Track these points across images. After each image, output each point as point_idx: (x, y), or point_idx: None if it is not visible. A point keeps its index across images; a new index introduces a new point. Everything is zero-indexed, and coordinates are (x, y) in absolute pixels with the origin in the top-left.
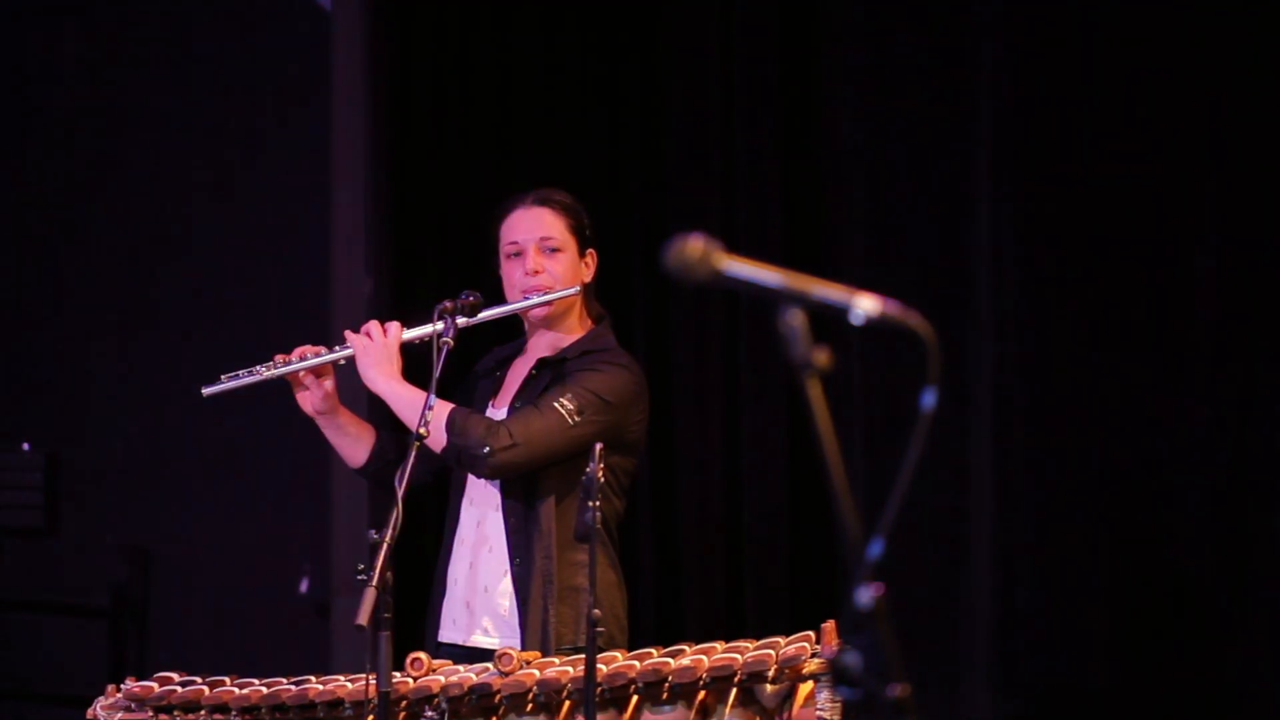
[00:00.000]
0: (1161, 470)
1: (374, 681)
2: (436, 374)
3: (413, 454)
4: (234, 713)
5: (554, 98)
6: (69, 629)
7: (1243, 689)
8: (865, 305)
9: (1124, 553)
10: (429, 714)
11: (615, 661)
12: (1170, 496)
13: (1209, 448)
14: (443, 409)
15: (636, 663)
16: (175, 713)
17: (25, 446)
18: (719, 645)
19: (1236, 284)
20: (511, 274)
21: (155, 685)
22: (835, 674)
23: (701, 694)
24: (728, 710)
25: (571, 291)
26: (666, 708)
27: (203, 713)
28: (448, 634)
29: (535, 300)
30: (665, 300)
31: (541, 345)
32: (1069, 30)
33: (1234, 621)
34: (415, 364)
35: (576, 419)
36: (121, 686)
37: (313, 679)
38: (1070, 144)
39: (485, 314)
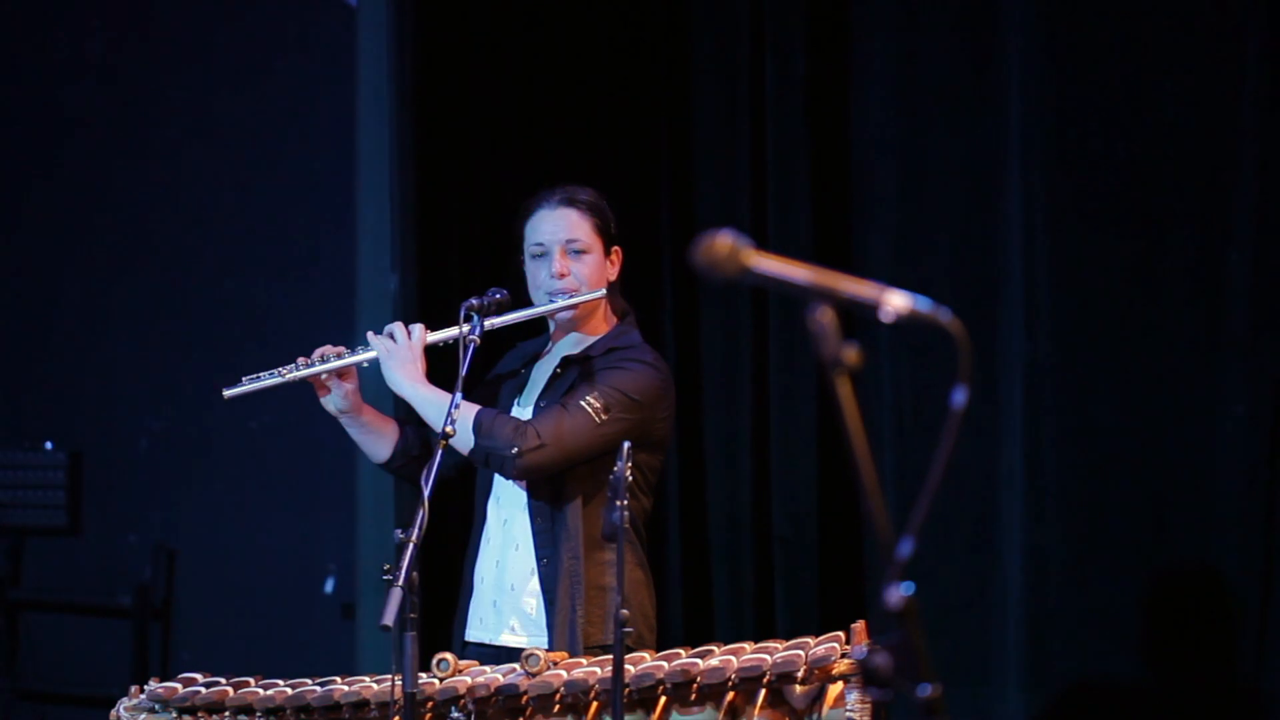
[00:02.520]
0: (1194, 467)
1: (399, 682)
2: (463, 373)
3: (439, 454)
4: (258, 714)
5: (581, 92)
6: (92, 629)
7: (1277, 688)
8: (895, 302)
9: (1156, 551)
10: (455, 715)
11: (643, 662)
12: (1203, 494)
13: (1242, 445)
14: (469, 411)
15: (665, 663)
16: (199, 714)
17: (48, 445)
18: (748, 645)
19: (1270, 279)
20: (536, 274)
21: (179, 686)
22: (865, 674)
23: (730, 695)
24: (756, 711)
25: (598, 294)
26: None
27: (227, 714)
28: (475, 633)
29: (561, 303)
30: (694, 297)
31: (566, 343)
32: (1100, 23)
33: (1268, 620)
34: (441, 362)
35: (603, 418)
36: (145, 687)
37: (338, 680)
38: (1102, 139)
39: (510, 316)
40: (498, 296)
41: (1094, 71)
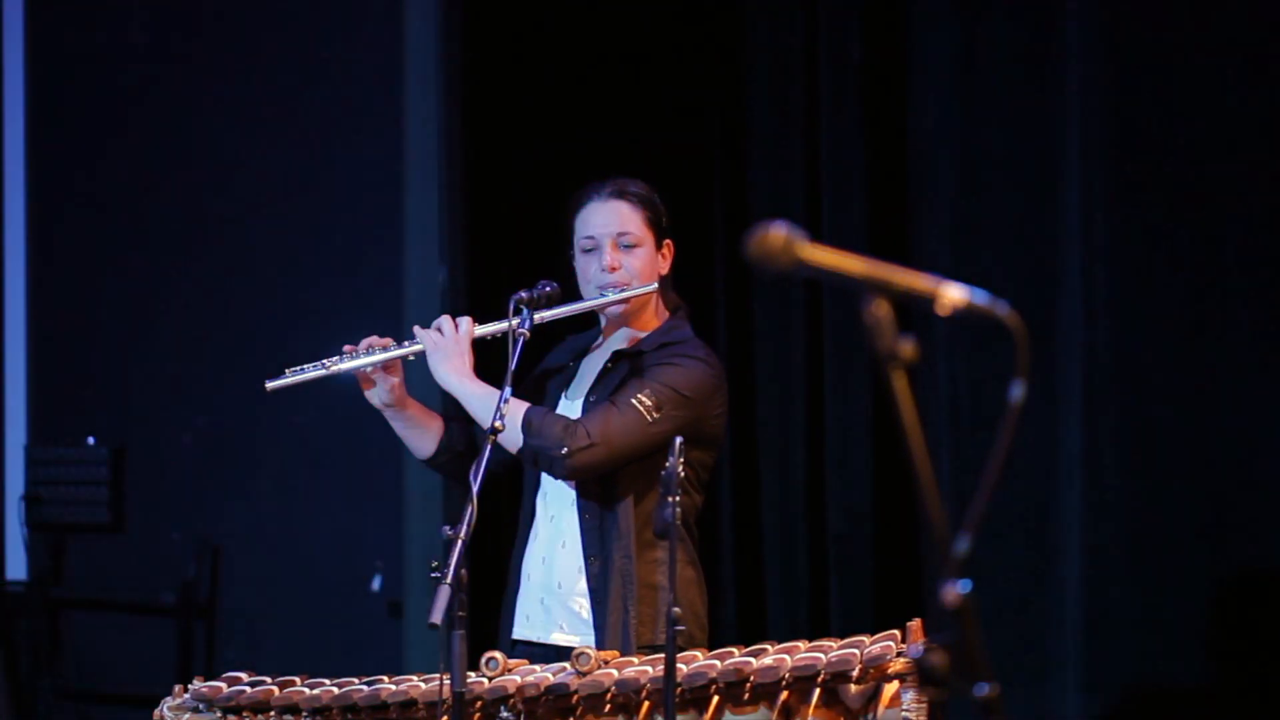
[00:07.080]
0: (1256, 463)
1: (448, 682)
2: (512, 367)
3: (487, 450)
4: (304, 714)
5: (632, 82)
6: (136, 627)
7: None
8: (952, 295)
9: (1217, 549)
10: (504, 715)
11: (695, 661)
12: (1265, 490)
13: None
14: (518, 409)
15: (717, 662)
16: (244, 713)
17: (91, 441)
18: (802, 644)
19: None
20: (587, 268)
21: (224, 685)
22: (921, 673)
23: (784, 694)
24: (811, 711)
25: (649, 289)
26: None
27: (272, 713)
28: (522, 631)
29: (612, 297)
30: (747, 290)
31: (617, 338)
32: (1160, 11)
33: None
34: (489, 356)
35: (655, 415)
36: (189, 687)
37: (385, 679)
38: (1162, 129)
39: (560, 310)
40: (547, 289)
41: (1154, 61)
